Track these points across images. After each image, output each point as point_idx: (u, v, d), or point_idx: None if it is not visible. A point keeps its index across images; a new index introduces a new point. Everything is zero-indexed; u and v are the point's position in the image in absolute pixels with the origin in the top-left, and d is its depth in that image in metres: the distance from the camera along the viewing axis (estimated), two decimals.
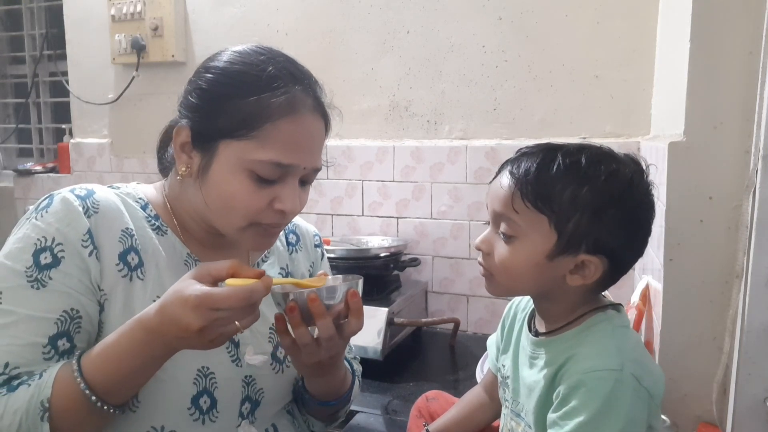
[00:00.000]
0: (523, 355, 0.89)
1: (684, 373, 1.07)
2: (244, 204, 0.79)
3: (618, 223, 0.77)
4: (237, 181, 0.78)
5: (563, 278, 0.80)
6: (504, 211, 0.80)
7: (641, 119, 1.58)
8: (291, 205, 0.81)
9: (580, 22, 1.62)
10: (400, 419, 1.22)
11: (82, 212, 0.78)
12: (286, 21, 1.96)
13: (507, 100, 1.73)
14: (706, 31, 1.00)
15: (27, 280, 0.74)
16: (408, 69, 1.83)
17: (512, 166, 0.82)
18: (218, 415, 0.83)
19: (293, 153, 0.78)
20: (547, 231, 0.78)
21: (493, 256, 0.82)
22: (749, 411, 0.96)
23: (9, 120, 2.71)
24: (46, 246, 0.75)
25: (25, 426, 0.69)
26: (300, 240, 1.04)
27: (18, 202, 2.49)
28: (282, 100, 0.77)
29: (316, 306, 0.74)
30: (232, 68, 0.79)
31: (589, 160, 0.78)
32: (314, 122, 0.81)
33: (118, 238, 0.80)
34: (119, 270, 0.79)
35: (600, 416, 0.72)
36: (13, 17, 2.66)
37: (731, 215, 1.00)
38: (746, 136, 0.97)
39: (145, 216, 0.85)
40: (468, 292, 1.80)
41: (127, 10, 2.14)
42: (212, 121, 0.78)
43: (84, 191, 0.80)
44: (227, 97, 0.78)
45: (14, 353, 0.72)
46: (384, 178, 1.88)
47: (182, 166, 0.82)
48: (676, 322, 1.06)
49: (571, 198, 0.77)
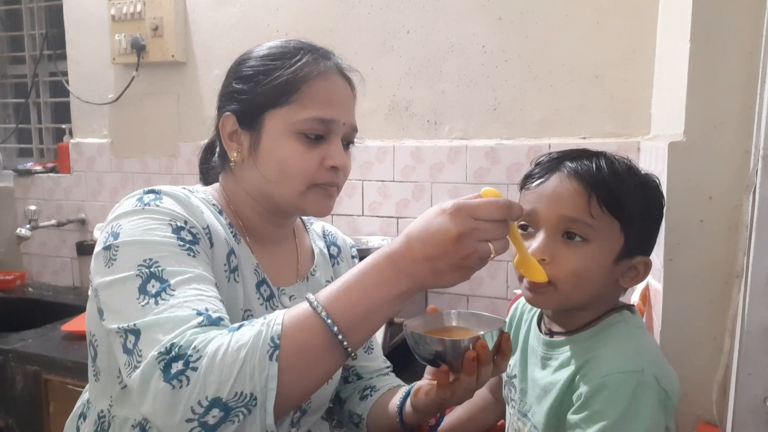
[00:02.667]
0: (534, 356, 0.88)
1: (684, 373, 1.06)
2: (298, 165, 0.83)
3: (657, 223, 0.83)
4: (288, 145, 0.83)
5: (616, 281, 0.81)
6: (578, 215, 0.77)
7: (641, 119, 1.58)
8: (341, 160, 0.85)
9: (580, 22, 1.62)
10: None
11: (196, 206, 0.79)
12: (286, 21, 1.96)
13: (507, 100, 1.73)
14: (706, 31, 1.00)
15: (181, 249, 0.72)
16: (408, 69, 1.83)
17: (574, 164, 0.79)
18: (280, 423, 0.85)
19: (330, 108, 0.85)
20: (617, 235, 0.78)
21: (559, 263, 0.77)
22: (749, 411, 0.95)
23: (9, 120, 2.71)
24: (181, 226, 0.75)
25: (250, 365, 0.61)
26: (341, 252, 1.08)
27: (18, 202, 2.49)
28: (311, 64, 0.85)
29: (486, 352, 0.73)
30: (262, 52, 0.88)
31: (631, 165, 0.82)
32: (341, 81, 0.89)
33: (224, 240, 0.82)
34: (225, 270, 0.81)
35: (623, 420, 0.72)
36: (13, 17, 2.66)
37: (731, 215, 1.00)
38: (746, 136, 0.97)
39: (225, 223, 0.86)
40: (468, 292, 1.80)
41: (127, 10, 2.13)
42: (254, 99, 0.85)
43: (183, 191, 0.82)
44: (263, 73, 0.85)
45: (208, 302, 0.69)
46: (384, 178, 1.88)
47: (233, 152, 0.86)
48: (676, 322, 1.06)
49: (638, 201, 0.79)
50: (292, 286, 0.93)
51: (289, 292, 0.91)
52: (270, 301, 0.88)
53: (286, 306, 0.87)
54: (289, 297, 0.91)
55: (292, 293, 0.92)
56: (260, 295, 0.86)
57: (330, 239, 1.07)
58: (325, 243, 1.05)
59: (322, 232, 1.07)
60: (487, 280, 1.78)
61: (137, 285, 0.69)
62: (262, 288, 0.87)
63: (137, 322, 0.66)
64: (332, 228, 1.10)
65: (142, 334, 0.65)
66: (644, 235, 0.81)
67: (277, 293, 0.90)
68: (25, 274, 2.45)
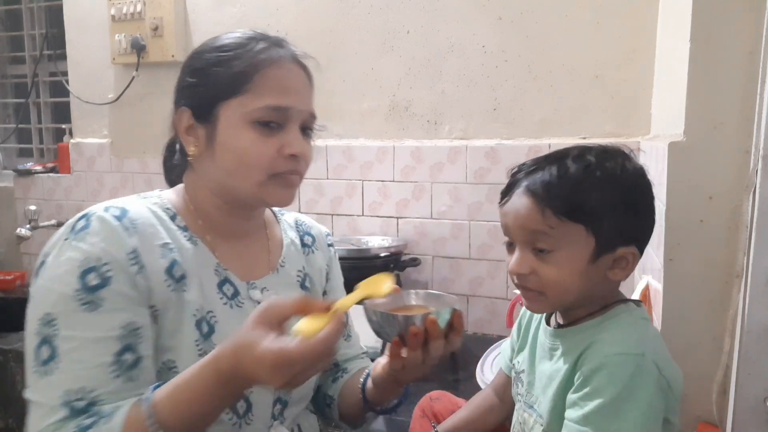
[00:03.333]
0: (542, 349, 0.89)
1: (684, 373, 1.06)
2: (256, 154, 0.82)
3: (638, 210, 0.82)
4: (244, 134, 0.82)
5: (605, 276, 0.81)
6: (537, 228, 0.79)
7: (641, 119, 1.58)
8: (299, 148, 0.84)
9: (580, 22, 1.62)
10: (401, 419, 1.22)
11: (123, 231, 0.77)
12: (286, 21, 1.96)
13: (507, 100, 1.73)
14: (706, 31, 1.00)
15: (79, 304, 0.73)
16: (408, 69, 1.83)
17: (528, 182, 0.81)
18: (253, 417, 0.85)
19: (285, 95, 0.84)
20: (584, 237, 0.79)
21: (538, 275, 0.81)
22: (749, 411, 0.95)
23: (9, 120, 2.71)
24: (92, 267, 0.74)
25: None
26: (315, 241, 1.06)
27: (18, 202, 2.49)
28: (263, 52, 0.84)
29: (435, 328, 0.76)
30: (214, 44, 0.87)
31: (598, 159, 0.81)
32: (296, 68, 0.88)
33: (161, 254, 0.80)
34: (168, 285, 0.79)
35: (620, 399, 0.73)
36: (13, 17, 2.66)
37: (731, 215, 1.00)
38: (746, 136, 0.97)
39: (176, 228, 0.85)
40: (468, 292, 1.80)
41: (127, 10, 2.14)
42: (208, 90, 0.84)
43: (118, 210, 0.80)
44: (216, 65, 0.84)
45: (87, 377, 0.72)
46: (384, 178, 1.88)
47: (191, 147, 0.86)
48: (676, 322, 1.06)
49: (600, 199, 0.78)
50: (263, 279, 0.92)
51: (260, 284, 0.91)
52: (235, 299, 0.87)
53: (256, 300, 0.88)
54: (261, 290, 0.90)
55: (264, 285, 0.91)
56: (223, 295, 0.86)
57: (303, 229, 1.06)
58: (297, 233, 1.04)
59: (294, 222, 1.06)
60: (487, 280, 1.78)
61: (34, 345, 0.74)
62: (225, 287, 0.86)
63: (29, 395, 0.73)
64: (305, 218, 1.09)
65: (30, 409, 0.73)
66: (620, 227, 0.79)
67: (246, 288, 0.89)
68: (25, 274, 2.44)
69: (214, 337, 0.82)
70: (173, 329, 0.79)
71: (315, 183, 1.97)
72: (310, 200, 1.98)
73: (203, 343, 0.80)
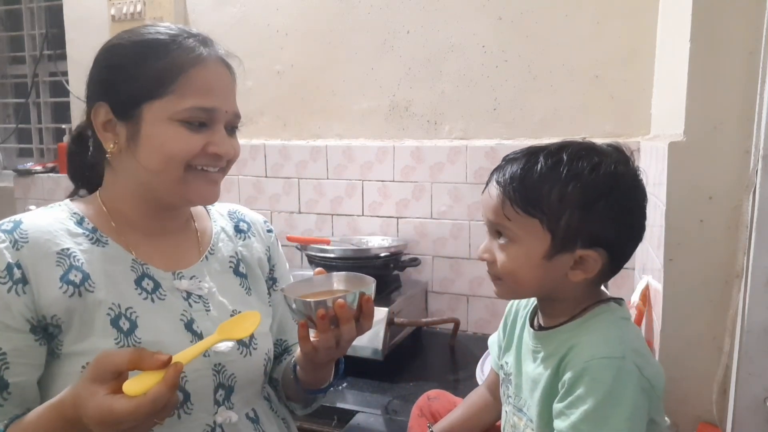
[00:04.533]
0: (526, 350, 0.89)
1: (684, 373, 1.07)
2: (179, 148, 0.82)
3: (609, 214, 0.78)
4: (170, 131, 0.82)
5: (565, 276, 0.81)
6: (497, 219, 0.82)
7: (641, 119, 1.58)
8: (224, 148, 0.85)
9: (580, 22, 1.62)
10: (400, 419, 1.22)
11: (1, 248, 0.77)
12: (286, 21, 1.96)
13: (507, 100, 1.73)
14: (706, 31, 1.00)
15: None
16: (408, 69, 1.83)
17: (498, 174, 0.84)
18: (193, 406, 0.84)
19: (210, 96, 0.84)
20: (540, 233, 0.79)
21: (497, 261, 0.83)
22: (749, 411, 0.96)
23: (9, 120, 2.71)
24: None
25: None
26: (251, 227, 1.06)
27: (18, 202, 2.49)
28: (187, 52, 0.83)
29: (344, 311, 0.78)
30: (130, 40, 0.86)
31: (571, 157, 0.79)
32: (220, 68, 0.87)
33: (56, 262, 0.79)
34: (65, 292, 0.78)
35: (605, 404, 0.73)
36: (13, 17, 2.67)
37: (731, 215, 1.00)
38: (746, 136, 0.97)
39: (82, 231, 0.85)
40: (468, 292, 1.80)
41: (127, 10, 2.14)
42: (129, 89, 0.83)
43: (11, 224, 0.80)
44: (137, 63, 0.83)
45: None
46: (384, 178, 1.88)
47: (109, 143, 0.85)
48: (676, 322, 1.06)
49: (559, 197, 0.78)
50: (191, 267, 0.92)
51: (188, 273, 0.90)
52: (155, 292, 0.86)
53: (183, 289, 0.88)
54: (190, 278, 0.90)
55: (193, 274, 0.91)
56: (142, 290, 0.85)
57: (237, 216, 1.06)
58: (231, 220, 1.04)
59: (227, 212, 1.05)
60: (487, 280, 1.76)
61: None
62: (144, 282, 0.86)
63: None
64: (241, 207, 1.08)
65: None
66: (579, 228, 0.78)
67: (171, 278, 0.88)
68: None
69: (138, 332, 0.81)
70: (84, 333, 0.78)
71: (315, 183, 1.97)
72: (310, 200, 1.98)
73: (125, 340, 0.80)
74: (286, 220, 2.01)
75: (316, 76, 1.94)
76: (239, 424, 0.89)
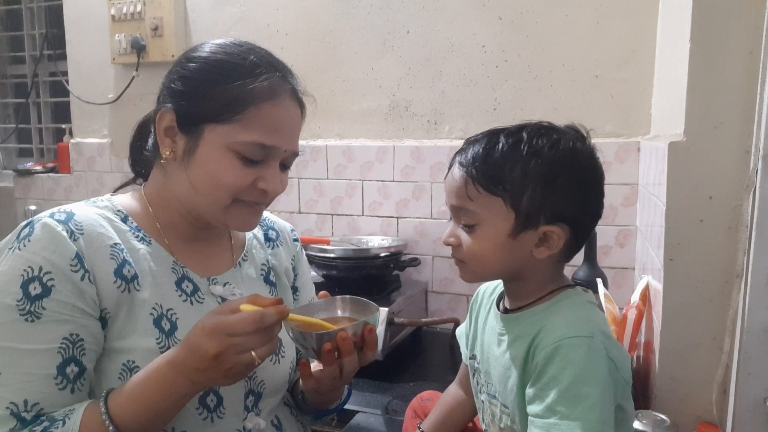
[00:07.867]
0: (491, 334, 0.89)
1: (684, 373, 1.07)
2: (230, 180, 0.82)
3: (569, 189, 0.80)
4: (224, 160, 0.81)
5: (530, 254, 0.82)
6: (460, 202, 0.83)
7: (641, 119, 1.58)
8: (273, 186, 0.85)
9: (580, 22, 1.62)
10: (400, 419, 1.22)
11: (67, 237, 0.76)
12: (286, 21, 1.96)
13: (507, 100, 1.73)
14: (706, 31, 1.00)
15: (20, 314, 0.72)
16: (408, 69, 1.83)
17: (460, 156, 0.85)
18: (225, 411, 0.84)
19: (275, 135, 0.83)
20: (504, 211, 0.80)
21: (462, 246, 0.84)
22: (749, 411, 0.96)
23: (9, 120, 2.71)
24: (34, 276, 0.74)
25: None
26: (280, 236, 1.07)
27: (18, 202, 2.49)
28: (264, 85, 0.81)
29: (347, 344, 0.78)
30: (214, 57, 0.84)
31: (531, 135, 0.81)
32: (293, 107, 0.86)
33: (110, 255, 0.80)
34: (118, 286, 0.79)
35: (578, 383, 0.73)
36: (13, 17, 2.67)
37: (731, 215, 1.00)
38: (746, 136, 0.97)
39: (128, 229, 0.85)
40: (468, 291, 1.80)
41: (127, 10, 2.14)
42: (197, 105, 0.82)
43: (64, 215, 0.79)
44: (212, 83, 0.82)
45: (30, 390, 0.72)
46: (384, 178, 1.88)
47: (166, 150, 0.84)
48: (676, 322, 1.06)
49: (521, 174, 0.79)
50: (225, 274, 0.93)
51: (221, 280, 0.91)
52: (194, 295, 0.87)
53: (218, 294, 0.89)
54: (223, 284, 0.91)
55: (226, 280, 0.92)
56: (182, 292, 0.86)
57: (267, 224, 1.06)
58: (261, 228, 1.04)
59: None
60: None
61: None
62: (184, 284, 0.86)
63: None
64: (269, 214, 1.09)
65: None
66: (542, 204, 0.79)
67: (206, 284, 0.89)
68: None
69: (178, 333, 0.82)
70: (128, 330, 0.79)
71: (315, 183, 1.97)
72: (310, 200, 1.98)
73: (166, 341, 0.80)
74: (286, 220, 2.01)
75: (316, 76, 1.94)
76: (267, 430, 0.90)
